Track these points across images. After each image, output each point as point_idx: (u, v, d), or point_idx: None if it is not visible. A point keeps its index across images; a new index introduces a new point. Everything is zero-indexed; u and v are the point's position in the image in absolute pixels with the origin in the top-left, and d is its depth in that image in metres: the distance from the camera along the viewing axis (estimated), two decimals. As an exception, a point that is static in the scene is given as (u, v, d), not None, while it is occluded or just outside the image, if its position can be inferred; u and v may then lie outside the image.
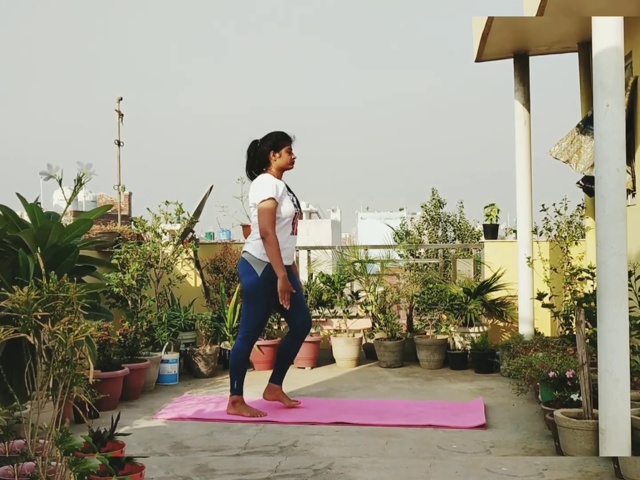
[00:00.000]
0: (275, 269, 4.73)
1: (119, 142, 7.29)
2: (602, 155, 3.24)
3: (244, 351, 4.89)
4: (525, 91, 6.65)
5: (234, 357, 4.89)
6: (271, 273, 4.74)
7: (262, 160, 4.90)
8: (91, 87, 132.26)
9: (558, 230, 6.47)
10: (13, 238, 2.45)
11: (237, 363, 4.88)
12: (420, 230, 20.98)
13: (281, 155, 4.87)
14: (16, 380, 2.33)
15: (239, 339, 4.92)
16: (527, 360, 4.69)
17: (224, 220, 7.91)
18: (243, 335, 4.89)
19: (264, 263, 4.75)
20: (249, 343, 4.93)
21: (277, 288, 4.76)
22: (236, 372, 4.87)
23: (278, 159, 4.87)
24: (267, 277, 4.75)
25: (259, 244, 4.77)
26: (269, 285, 4.76)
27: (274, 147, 4.87)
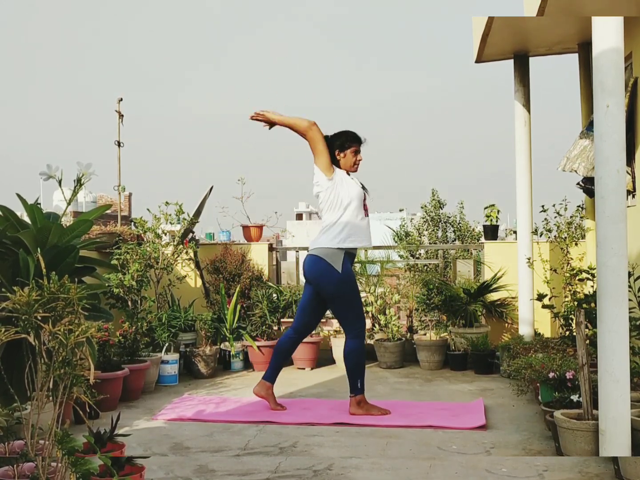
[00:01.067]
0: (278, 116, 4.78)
1: (119, 143, 7.29)
2: (602, 156, 3.24)
3: (361, 348, 4.80)
4: (525, 92, 6.65)
5: (358, 356, 4.77)
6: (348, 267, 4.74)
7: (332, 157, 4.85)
8: (91, 87, 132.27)
9: (558, 231, 6.48)
10: (13, 239, 2.45)
11: (359, 362, 4.79)
12: (420, 231, 21.00)
13: (346, 156, 4.84)
14: (16, 381, 2.33)
15: (350, 339, 4.79)
16: (527, 361, 4.69)
17: (224, 221, 7.94)
18: (354, 332, 4.78)
19: (341, 253, 4.69)
20: (362, 338, 4.85)
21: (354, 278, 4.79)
22: (361, 371, 4.80)
23: (343, 158, 4.84)
24: (347, 272, 4.72)
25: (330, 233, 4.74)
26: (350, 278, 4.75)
27: (340, 147, 4.85)
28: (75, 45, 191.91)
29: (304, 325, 5.02)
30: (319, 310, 5.02)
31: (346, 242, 4.72)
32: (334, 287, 4.73)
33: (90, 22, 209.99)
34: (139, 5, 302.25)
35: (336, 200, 4.75)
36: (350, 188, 4.78)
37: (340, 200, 4.75)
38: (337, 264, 4.69)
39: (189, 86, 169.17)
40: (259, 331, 6.78)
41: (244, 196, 7.58)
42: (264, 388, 5.00)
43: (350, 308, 4.79)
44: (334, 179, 4.76)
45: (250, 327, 6.81)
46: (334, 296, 4.78)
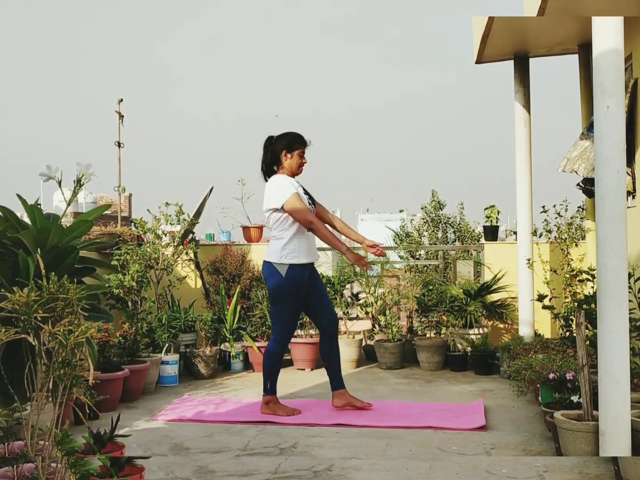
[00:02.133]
0: (337, 247, 4.86)
1: (119, 144, 7.29)
2: (602, 157, 3.24)
3: (277, 352, 4.91)
4: (525, 93, 6.65)
5: (268, 358, 4.91)
6: (294, 274, 4.76)
7: (274, 158, 4.89)
8: (91, 88, 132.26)
9: (558, 232, 6.47)
10: (13, 239, 2.45)
11: (270, 364, 4.90)
12: (421, 232, 20.99)
13: (292, 157, 4.85)
14: (16, 382, 2.33)
15: (272, 341, 4.94)
16: (527, 361, 4.69)
17: (224, 221, 7.94)
18: (275, 337, 4.91)
19: (286, 265, 4.76)
20: (282, 344, 4.94)
21: (301, 288, 4.82)
22: (270, 373, 4.90)
23: (289, 159, 4.85)
24: (291, 277, 4.76)
25: (278, 247, 4.79)
26: (294, 285, 4.77)
27: (287, 147, 4.85)
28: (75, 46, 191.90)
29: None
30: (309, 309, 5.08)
31: (288, 258, 4.78)
32: (272, 287, 4.83)
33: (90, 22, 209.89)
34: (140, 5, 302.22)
35: (286, 219, 4.80)
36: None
37: (287, 217, 4.80)
38: (283, 270, 4.77)
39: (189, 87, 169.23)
40: (259, 332, 6.78)
41: (244, 197, 7.59)
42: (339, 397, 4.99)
43: (278, 312, 4.88)
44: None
45: (250, 328, 6.81)
46: (270, 295, 4.93)
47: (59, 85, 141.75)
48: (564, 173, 5.84)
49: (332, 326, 5.05)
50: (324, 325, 5.03)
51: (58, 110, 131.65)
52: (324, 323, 5.02)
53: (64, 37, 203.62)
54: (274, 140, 4.89)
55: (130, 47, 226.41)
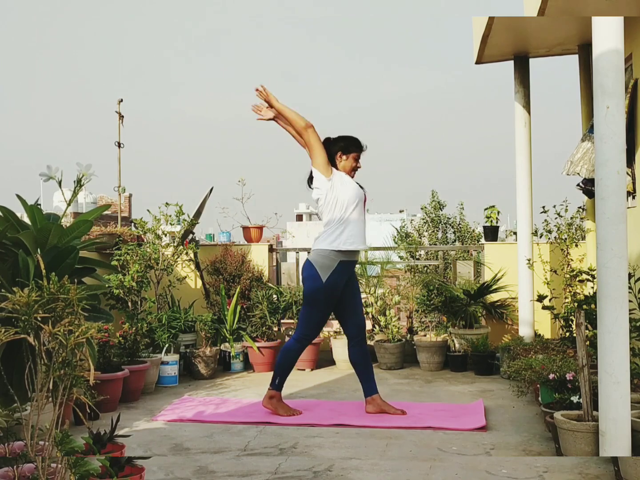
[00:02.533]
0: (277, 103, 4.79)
1: (119, 144, 7.29)
2: (602, 158, 3.24)
3: (296, 351, 4.88)
4: (525, 93, 6.65)
5: (284, 354, 4.86)
6: (336, 279, 4.71)
7: (329, 158, 4.83)
8: (91, 88, 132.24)
9: (558, 232, 6.48)
10: (13, 239, 2.45)
11: (285, 361, 4.86)
12: (420, 232, 21.00)
13: (347, 159, 4.83)
14: (16, 382, 2.33)
15: (293, 339, 4.89)
16: (527, 362, 4.69)
17: (224, 221, 7.94)
18: (298, 336, 4.87)
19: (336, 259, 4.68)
20: (303, 345, 4.90)
21: (337, 293, 4.77)
22: (282, 369, 4.87)
23: (344, 161, 4.83)
24: (331, 284, 4.71)
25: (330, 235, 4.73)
26: (331, 291, 4.73)
27: (344, 150, 4.83)
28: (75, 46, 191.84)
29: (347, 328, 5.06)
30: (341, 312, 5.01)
31: (346, 244, 4.70)
32: (309, 290, 4.77)
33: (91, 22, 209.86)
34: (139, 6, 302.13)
35: (335, 200, 4.73)
36: (349, 189, 4.76)
37: (339, 200, 4.73)
38: (324, 274, 4.70)
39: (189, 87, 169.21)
40: (259, 332, 6.78)
41: (244, 197, 7.59)
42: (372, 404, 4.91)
43: (309, 314, 4.84)
44: (333, 180, 4.74)
45: (250, 328, 6.81)
46: (305, 296, 4.85)
47: (59, 85, 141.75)
48: (564, 174, 5.84)
49: (362, 332, 4.99)
50: (353, 332, 4.95)
51: (58, 111, 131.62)
52: (353, 330, 4.95)
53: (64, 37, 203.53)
54: (330, 142, 4.87)
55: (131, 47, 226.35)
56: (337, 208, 4.73)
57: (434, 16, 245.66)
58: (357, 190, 4.80)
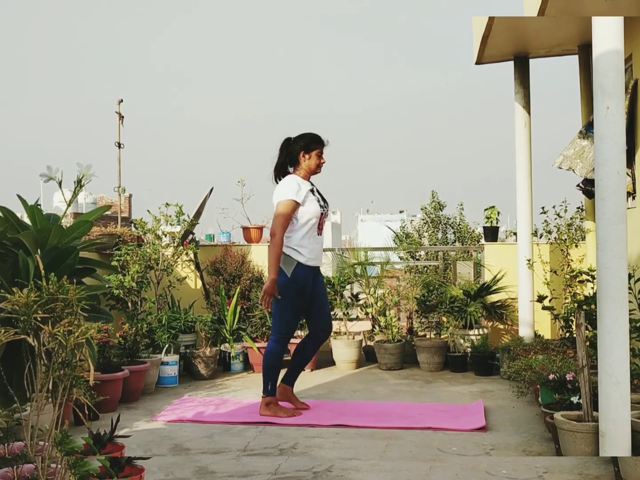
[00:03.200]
0: (269, 270, 4.80)
1: (120, 144, 7.29)
2: (602, 158, 3.24)
3: (277, 352, 4.89)
4: (525, 94, 6.65)
5: (268, 358, 4.88)
6: (299, 273, 4.75)
7: (292, 159, 4.89)
8: (91, 89, 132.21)
9: (558, 233, 6.48)
10: (13, 240, 2.45)
11: (270, 364, 4.88)
12: (421, 233, 20.99)
13: (310, 157, 4.85)
14: (16, 382, 2.33)
15: (271, 340, 4.92)
16: (527, 362, 4.69)
17: (224, 222, 7.92)
18: (276, 336, 4.89)
19: (294, 262, 4.74)
20: (282, 344, 4.92)
21: (306, 289, 4.80)
22: (270, 373, 4.87)
23: (307, 160, 4.85)
24: (295, 277, 4.75)
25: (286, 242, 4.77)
26: (296, 286, 4.76)
27: (305, 148, 4.85)
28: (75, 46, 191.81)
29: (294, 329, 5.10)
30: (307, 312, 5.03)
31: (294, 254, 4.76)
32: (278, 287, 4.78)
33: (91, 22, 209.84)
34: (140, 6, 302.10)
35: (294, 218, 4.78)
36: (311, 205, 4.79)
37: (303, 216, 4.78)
38: (288, 269, 4.74)
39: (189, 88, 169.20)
40: (259, 332, 6.78)
41: (244, 197, 7.59)
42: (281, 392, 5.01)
43: (280, 312, 4.84)
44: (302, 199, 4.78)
45: (250, 329, 6.81)
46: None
47: (59, 86, 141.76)
48: (563, 173, 5.84)
49: (325, 334, 5.11)
50: (317, 332, 5.03)
51: (58, 111, 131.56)
52: (317, 330, 5.02)
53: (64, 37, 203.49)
54: (291, 142, 4.90)
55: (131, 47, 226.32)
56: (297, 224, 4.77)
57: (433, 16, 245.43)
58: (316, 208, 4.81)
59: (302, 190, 4.78)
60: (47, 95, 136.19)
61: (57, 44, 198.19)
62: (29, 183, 57.75)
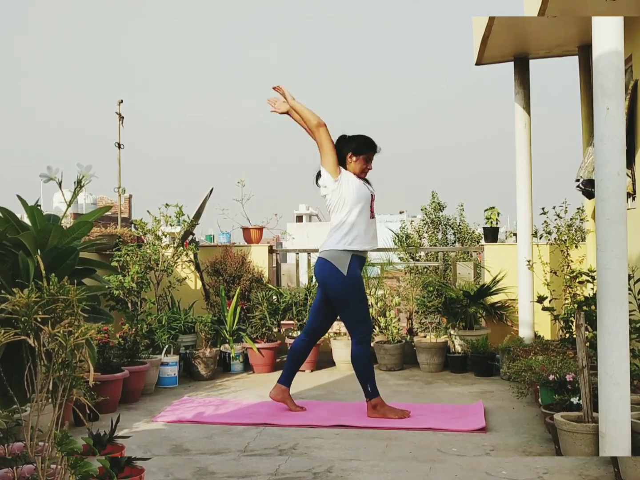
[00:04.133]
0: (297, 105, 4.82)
1: (120, 145, 7.30)
2: (602, 159, 3.24)
3: (365, 353, 4.81)
4: (525, 94, 6.66)
5: (361, 362, 4.78)
6: (355, 271, 4.71)
7: (340, 157, 4.80)
8: (92, 89, 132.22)
9: (558, 234, 6.48)
10: (13, 240, 2.45)
11: (363, 367, 4.80)
12: (420, 233, 20.98)
13: (357, 161, 4.80)
14: (16, 383, 2.33)
15: (354, 344, 4.80)
16: (527, 363, 4.69)
17: (224, 222, 7.92)
18: (360, 337, 4.79)
19: (348, 255, 4.67)
20: (367, 343, 4.84)
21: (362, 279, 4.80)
22: (365, 377, 4.81)
23: (353, 162, 4.80)
24: (352, 273, 4.69)
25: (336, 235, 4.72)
26: (355, 280, 4.71)
27: (355, 150, 4.79)
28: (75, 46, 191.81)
29: (314, 330, 5.04)
30: (330, 315, 4.99)
31: (352, 244, 4.70)
32: (339, 289, 4.73)
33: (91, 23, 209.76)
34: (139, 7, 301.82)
35: (342, 201, 4.73)
36: (356, 189, 4.74)
37: (345, 201, 4.72)
38: (343, 267, 4.67)
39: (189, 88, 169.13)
40: (259, 333, 6.78)
41: (244, 198, 7.59)
42: (280, 392, 5.00)
43: (354, 312, 4.77)
44: (340, 180, 4.73)
45: (250, 329, 6.81)
46: (338, 299, 4.78)
47: (59, 86, 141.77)
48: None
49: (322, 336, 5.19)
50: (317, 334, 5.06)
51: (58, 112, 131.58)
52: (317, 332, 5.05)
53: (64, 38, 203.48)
54: (344, 140, 4.85)
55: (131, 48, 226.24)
56: (343, 209, 4.73)
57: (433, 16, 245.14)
58: (365, 190, 4.78)
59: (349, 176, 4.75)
60: (47, 96, 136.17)
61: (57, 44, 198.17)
62: (29, 183, 57.76)
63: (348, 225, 4.70)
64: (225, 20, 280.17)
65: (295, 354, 5.04)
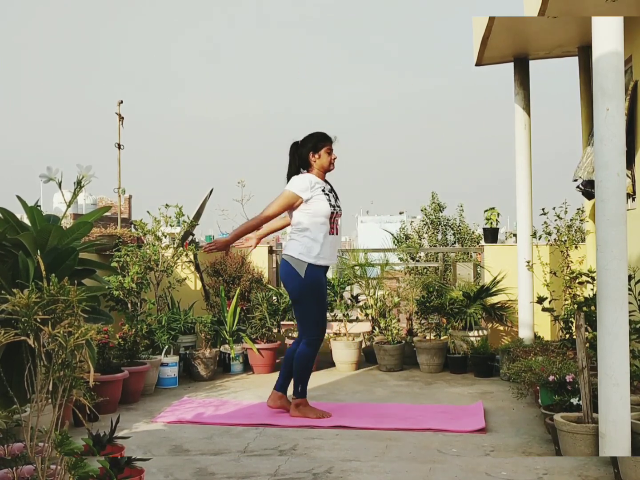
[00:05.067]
0: (233, 232, 4.88)
1: (119, 145, 7.30)
2: (602, 160, 3.24)
3: (310, 355, 4.84)
4: (525, 95, 6.66)
5: (302, 362, 4.83)
6: (312, 274, 4.73)
7: (303, 163, 4.86)
8: (92, 90, 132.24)
9: (558, 234, 6.48)
10: (13, 241, 2.45)
11: (303, 367, 4.84)
12: (420, 234, 20.97)
13: (320, 156, 4.84)
14: (16, 383, 2.33)
15: (303, 344, 4.84)
16: (527, 364, 4.69)
17: (224, 223, 7.93)
18: (308, 339, 4.82)
19: (304, 264, 4.72)
20: (314, 347, 4.86)
21: (323, 287, 4.81)
22: (302, 376, 4.85)
23: (318, 159, 4.84)
24: (309, 277, 4.72)
25: (297, 243, 4.75)
26: (312, 284, 4.73)
27: (313, 149, 4.84)
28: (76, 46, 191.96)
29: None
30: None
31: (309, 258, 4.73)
32: (295, 290, 4.78)
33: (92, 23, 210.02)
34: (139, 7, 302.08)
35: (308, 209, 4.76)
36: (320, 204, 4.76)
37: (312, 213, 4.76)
38: (301, 270, 4.72)
39: (189, 88, 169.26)
40: (259, 334, 6.78)
41: (244, 199, 7.59)
42: (276, 399, 4.99)
43: (308, 313, 4.81)
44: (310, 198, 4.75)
45: (250, 330, 6.81)
46: (294, 298, 4.85)
47: (59, 86, 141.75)
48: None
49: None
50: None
51: (58, 112, 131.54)
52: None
53: (64, 38, 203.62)
54: (299, 145, 4.89)
55: (131, 48, 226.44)
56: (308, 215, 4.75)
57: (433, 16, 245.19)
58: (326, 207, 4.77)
59: (313, 189, 4.75)
60: (47, 96, 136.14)
61: (57, 44, 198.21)
62: (29, 184, 57.80)
63: (308, 238, 4.75)
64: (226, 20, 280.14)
65: (289, 360, 5.02)
